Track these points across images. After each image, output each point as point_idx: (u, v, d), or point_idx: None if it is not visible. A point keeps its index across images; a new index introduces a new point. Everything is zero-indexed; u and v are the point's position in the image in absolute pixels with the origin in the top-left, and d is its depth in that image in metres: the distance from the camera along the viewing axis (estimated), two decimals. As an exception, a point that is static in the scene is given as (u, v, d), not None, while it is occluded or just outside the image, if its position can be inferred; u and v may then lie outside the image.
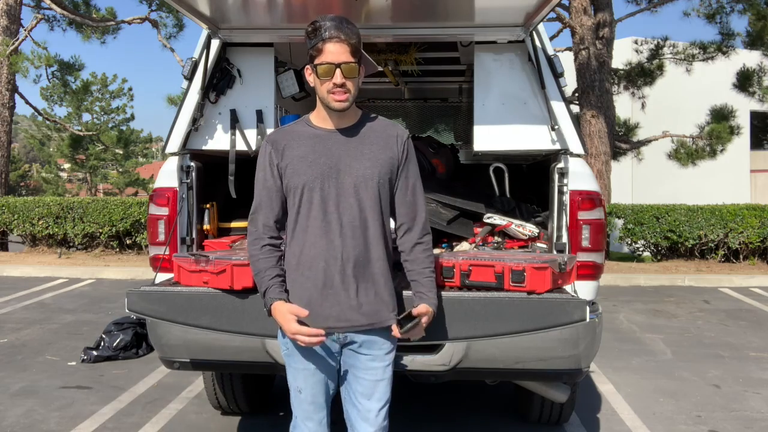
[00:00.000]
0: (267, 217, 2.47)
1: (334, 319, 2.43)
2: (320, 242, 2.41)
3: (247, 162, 4.02)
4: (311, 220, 2.42)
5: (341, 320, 2.43)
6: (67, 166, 34.06)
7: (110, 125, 31.55)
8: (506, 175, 4.26)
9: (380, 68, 2.37)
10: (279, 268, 2.46)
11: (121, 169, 34.44)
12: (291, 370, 2.54)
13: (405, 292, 2.70)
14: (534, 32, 3.52)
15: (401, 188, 2.52)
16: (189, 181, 3.65)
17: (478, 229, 3.94)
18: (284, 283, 2.45)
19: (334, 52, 2.32)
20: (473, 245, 3.84)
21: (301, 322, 2.35)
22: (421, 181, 2.58)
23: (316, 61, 2.35)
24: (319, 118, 2.49)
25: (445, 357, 3.08)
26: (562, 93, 3.55)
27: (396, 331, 2.44)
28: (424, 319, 2.46)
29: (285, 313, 2.35)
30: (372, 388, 2.51)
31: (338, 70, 2.33)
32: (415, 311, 2.46)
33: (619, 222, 11.74)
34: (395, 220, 2.56)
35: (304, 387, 2.52)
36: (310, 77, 2.44)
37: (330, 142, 2.45)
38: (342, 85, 2.34)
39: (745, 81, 14.01)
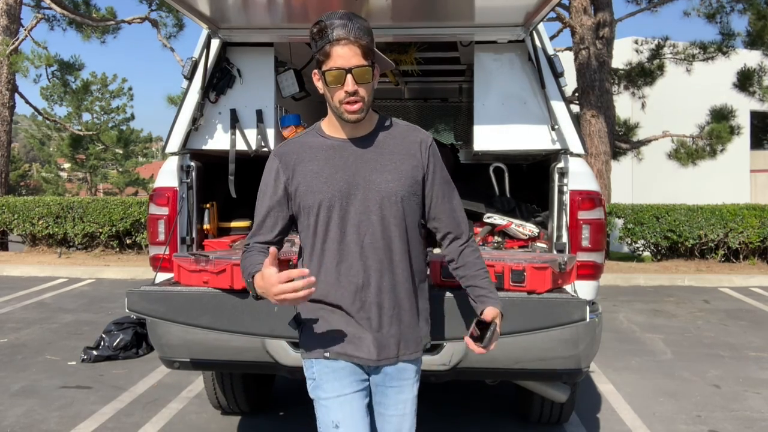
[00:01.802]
0: (265, 239, 2.23)
1: (356, 348, 2.17)
2: (339, 267, 2.16)
3: (247, 162, 4.02)
4: (328, 243, 2.16)
5: (365, 351, 2.17)
6: (67, 165, 34.08)
7: (110, 125, 31.55)
8: (506, 175, 4.26)
9: (394, 66, 2.10)
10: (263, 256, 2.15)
11: (121, 169, 34.46)
12: (322, 405, 2.19)
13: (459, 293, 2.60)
14: (534, 32, 3.52)
15: (435, 197, 2.25)
16: (189, 180, 3.65)
17: (478, 229, 3.94)
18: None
19: (343, 55, 2.04)
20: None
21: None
22: (453, 184, 2.32)
23: (324, 67, 2.08)
24: (331, 126, 2.21)
25: (445, 357, 3.08)
26: (562, 93, 3.55)
27: (474, 347, 2.16)
28: (498, 321, 2.21)
29: (269, 275, 1.98)
30: (400, 423, 2.27)
31: (349, 76, 2.05)
32: (487, 317, 2.19)
33: (619, 222, 11.74)
34: (436, 232, 2.30)
35: (341, 420, 2.14)
36: (318, 83, 2.16)
37: (346, 154, 2.17)
38: (354, 93, 2.06)
39: (745, 81, 14.00)
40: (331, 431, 2.16)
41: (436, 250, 3.73)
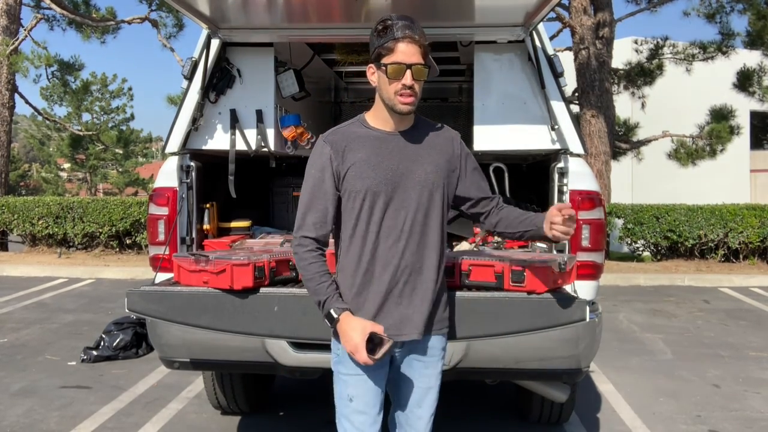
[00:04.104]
0: (319, 220, 2.36)
1: (391, 327, 2.33)
2: (380, 248, 2.34)
3: (247, 162, 4.02)
4: (372, 225, 2.34)
5: (397, 329, 2.35)
6: (67, 165, 34.04)
7: (110, 125, 31.49)
8: (506, 175, 4.26)
9: (438, 73, 2.42)
10: (329, 274, 2.36)
11: (121, 169, 34.41)
12: (341, 379, 2.40)
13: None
14: (534, 32, 3.52)
15: (468, 177, 2.49)
16: (189, 180, 3.65)
17: (478, 229, 3.94)
18: (338, 288, 2.37)
19: (406, 52, 2.27)
20: (473, 245, 3.84)
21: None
22: (483, 174, 2.58)
23: (386, 60, 2.28)
24: (377, 119, 2.41)
25: (445, 357, 3.08)
26: (562, 93, 3.55)
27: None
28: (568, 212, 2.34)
29: (356, 327, 2.25)
30: (423, 395, 2.48)
31: (408, 71, 2.27)
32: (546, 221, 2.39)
33: (619, 222, 11.74)
34: (472, 208, 2.53)
35: (356, 395, 2.37)
36: (372, 76, 2.37)
37: (392, 145, 2.38)
38: (410, 87, 2.28)
39: (745, 81, 14.00)
40: (346, 403, 2.38)
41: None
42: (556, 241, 2.58)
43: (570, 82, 6.11)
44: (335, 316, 2.29)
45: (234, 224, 4.03)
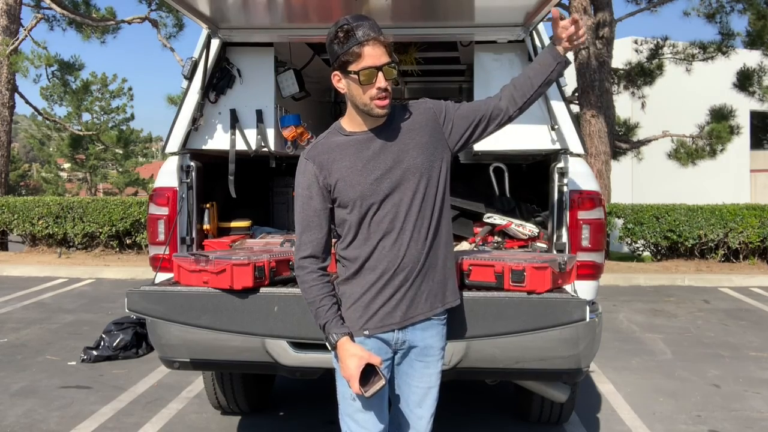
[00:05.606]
0: (315, 239, 2.35)
1: (392, 317, 2.36)
2: (381, 244, 2.32)
3: (247, 162, 4.02)
4: (372, 225, 2.32)
5: (402, 318, 2.36)
6: (67, 165, 34.06)
7: (110, 125, 31.50)
8: (506, 174, 4.26)
9: (398, 61, 2.35)
10: (333, 295, 2.35)
11: (121, 169, 34.43)
12: (343, 378, 2.37)
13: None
14: (534, 32, 3.52)
15: (458, 118, 2.44)
16: (189, 180, 3.64)
17: (478, 229, 3.94)
18: (339, 310, 2.36)
19: (373, 55, 2.20)
20: (473, 245, 3.84)
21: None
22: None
23: (354, 67, 2.21)
24: (352, 123, 2.37)
25: (446, 357, 3.08)
26: (562, 93, 3.55)
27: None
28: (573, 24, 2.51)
29: (354, 355, 2.25)
30: (424, 395, 2.49)
31: (380, 74, 2.21)
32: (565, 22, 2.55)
33: (619, 222, 11.74)
34: (486, 125, 2.48)
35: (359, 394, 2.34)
36: (339, 83, 2.29)
37: (373, 144, 2.34)
38: (385, 89, 2.23)
39: (745, 81, 14.00)
40: (349, 402, 2.38)
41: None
42: (572, 48, 2.57)
43: (570, 82, 6.12)
44: (333, 341, 2.30)
45: (234, 224, 4.03)
